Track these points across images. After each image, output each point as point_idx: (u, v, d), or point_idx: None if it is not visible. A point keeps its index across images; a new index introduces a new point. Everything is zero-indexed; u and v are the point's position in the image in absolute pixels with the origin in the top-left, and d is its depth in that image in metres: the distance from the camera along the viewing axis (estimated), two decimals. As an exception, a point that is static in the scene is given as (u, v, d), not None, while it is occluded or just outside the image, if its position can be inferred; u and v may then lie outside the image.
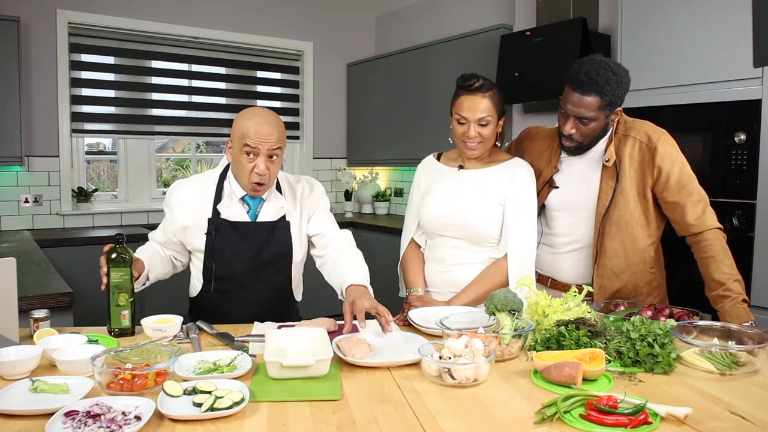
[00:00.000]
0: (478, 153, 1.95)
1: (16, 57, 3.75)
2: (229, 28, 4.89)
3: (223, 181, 1.90)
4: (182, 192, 1.92)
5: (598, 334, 1.47)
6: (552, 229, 2.06)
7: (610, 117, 1.89)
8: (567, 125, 1.89)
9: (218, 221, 1.86)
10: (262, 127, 1.76)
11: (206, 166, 5.53)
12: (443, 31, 4.73)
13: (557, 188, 2.02)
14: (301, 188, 2.00)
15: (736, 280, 1.80)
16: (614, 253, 1.94)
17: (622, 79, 1.85)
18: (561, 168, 2.03)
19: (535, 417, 1.14)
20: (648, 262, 1.97)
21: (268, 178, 1.79)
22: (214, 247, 1.86)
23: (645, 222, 1.94)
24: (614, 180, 1.91)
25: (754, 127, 2.47)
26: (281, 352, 1.43)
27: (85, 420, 1.06)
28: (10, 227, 4.16)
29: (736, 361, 1.40)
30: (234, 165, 1.83)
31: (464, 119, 1.90)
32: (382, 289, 1.80)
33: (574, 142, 1.92)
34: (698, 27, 2.65)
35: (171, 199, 1.93)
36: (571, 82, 1.86)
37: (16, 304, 1.54)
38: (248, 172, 1.78)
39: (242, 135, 1.76)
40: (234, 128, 1.81)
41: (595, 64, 1.84)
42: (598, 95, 1.82)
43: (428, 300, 1.97)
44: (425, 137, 4.57)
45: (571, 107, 1.86)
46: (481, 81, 1.90)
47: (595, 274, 1.97)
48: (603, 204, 1.92)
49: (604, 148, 1.95)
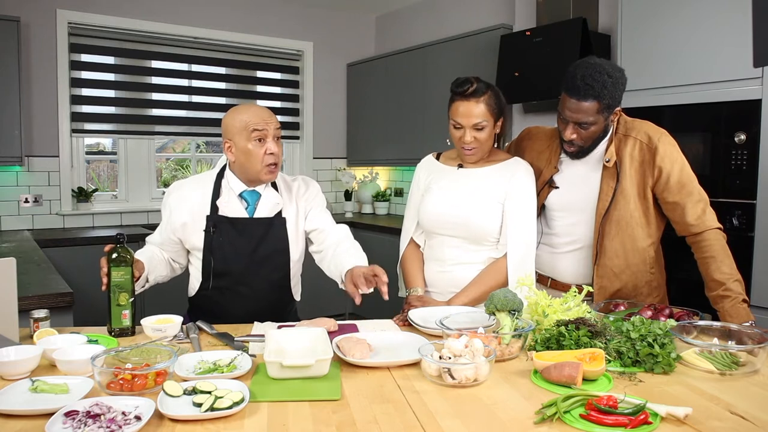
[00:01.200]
0: (476, 158, 1.96)
1: (16, 57, 3.75)
2: (229, 28, 4.89)
3: (221, 180, 1.93)
4: (181, 191, 1.95)
5: (598, 334, 1.47)
6: (552, 229, 2.06)
7: (609, 118, 1.89)
8: (567, 131, 1.89)
9: (217, 218, 1.89)
10: (262, 111, 1.86)
11: (206, 166, 5.54)
12: (443, 31, 4.73)
13: (557, 188, 2.02)
14: (297, 186, 2.03)
15: (736, 280, 1.80)
16: (614, 253, 1.94)
17: (618, 80, 1.84)
18: (561, 168, 2.02)
19: (535, 417, 1.14)
20: (648, 262, 1.97)
21: (278, 157, 1.86)
22: (213, 244, 1.88)
23: (645, 222, 1.94)
24: (614, 180, 1.91)
25: (754, 127, 2.47)
26: (281, 352, 1.43)
27: (85, 420, 1.06)
28: (10, 227, 4.16)
29: (736, 361, 1.40)
30: (241, 157, 1.85)
31: (459, 124, 1.91)
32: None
33: (575, 147, 1.92)
34: (698, 27, 2.65)
35: (169, 199, 1.95)
36: (567, 89, 1.85)
37: (16, 304, 1.54)
38: (261, 156, 1.83)
39: (245, 125, 1.82)
40: (230, 124, 1.85)
41: (590, 68, 1.82)
42: (596, 100, 1.81)
43: (428, 300, 1.97)
44: (425, 137, 4.57)
45: (570, 113, 1.86)
46: (475, 85, 1.88)
47: (595, 274, 1.96)
48: (603, 204, 1.92)
49: (604, 149, 1.94)
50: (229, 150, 1.87)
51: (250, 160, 1.84)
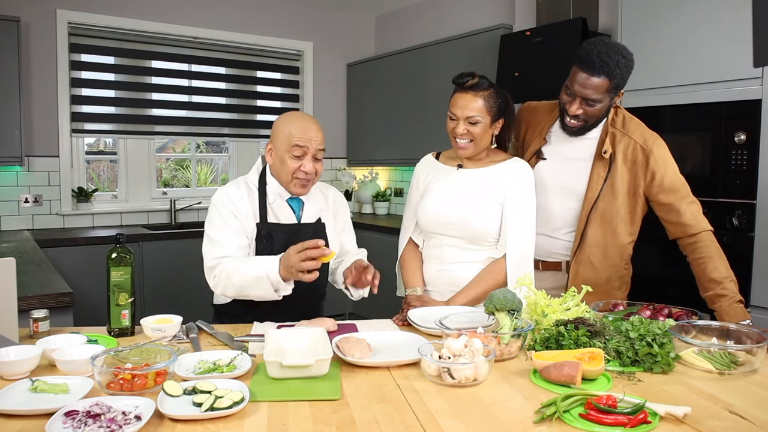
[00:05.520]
0: (469, 152, 1.95)
1: (16, 57, 3.75)
2: (229, 28, 4.89)
3: (264, 186, 1.91)
4: (232, 197, 1.87)
5: (597, 334, 1.47)
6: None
7: (613, 99, 1.92)
8: (573, 105, 1.91)
9: (269, 225, 1.87)
10: (309, 125, 1.84)
11: (206, 166, 5.54)
12: (443, 31, 4.73)
13: (545, 159, 2.05)
14: (333, 195, 2.07)
15: (732, 281, 1.83)
16: (594, 242, 1.98)
17: (629, 62, 1.89)
18: (549, 140, 2.07)
19: (534, 416, 1.14)
20: (624, 258, 2.02)
21: (314, 175, 1.86)
22: (265, 252, 1.83)
23: (629, 220, 1.98)
24: (606, 171, 1.94)
25: (754, 127, 2.47)
26: (281, 352, 1.43)
27: (85, 420, 1.06)
28: (10, 227, 4.16)
29: (734, 360, 1.40)
30: (277, 164, 1.85)
31: (455, 116, 1.92)
32: (382, 289, 1.80)
33: (580, 121, 1.94)
34: (698, 27, 2.65)
35: (225, 201, 1.86)
36: (581, 63, 1.86)
37: (16, 304, 1.54)
38: (293, 170, 1.82)
39: (288, 135, 1.81)
40: (277, 130, 1.85)
41: (606, 46, 1.85)
42: (608, 78, 1.84)
43: (427, 300, 1.97)
44: (425, 137, 4.56)
45: (579, 88, 1.87)
46: (477, 79, 1.90)
47: (573, 260, 2.00)
48: (593, 194, 1.96)
49: (598, 134, 1.99)
50: (269, 153, 1.88)
51: (283, 170, 1.84)
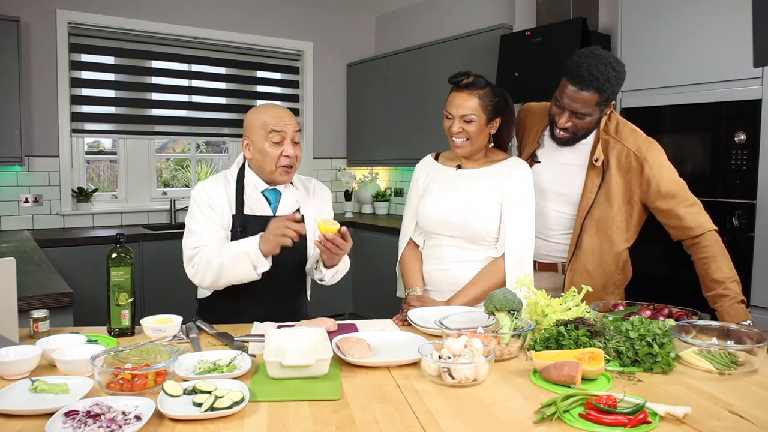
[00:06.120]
0: (465, 151, 1.96)
1: (16, 57, 3.75)
2: (229, 28, 4.89)
3: (242, 179, 1.92)
4: (209, 191, 1.89)
5: (597, 334, 1.47)
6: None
7: (603, 111, 1.91)
8: (563, 118, 1.91)
9: (244, 217, 1.88)
10: (282, 112, 1.87)
11: (206, 166, 5.54)
12: (443, 31, 4.73)
13: (539, 162, 2.05)
14: (313, 186, 2.07)
15: (735, 281, 1.82)
16: (590, 250, 1.97)
17: (620, 75, 1.87)
18: (542, 143, 2.06)
19: (534, 416, 1.14)
20: (619, 265, 2.01)
21: (295, 160, 1.87)
22: None
23: (625, 227, 1.97)
24: (599, 179, 1.94)
25: (754, 127, 2.47)
26: (281, 352, 1.43)
27: (85, 420, 1.06)
28: (10, 227, 4.16)
29: (734, 360, 1.40)
30: (257, 156, 1.86)
31: (450, 114, 1.93)
32: (382, 289, 1.81)
33: (569, 133, 1.94)
34: (698, 27, 2.65)
35: (203, 195, 1.88)
36: (570, 76, 1.85)
37: (16, 304, 1.54)
38: (276, 157, 1.84)
39: (264, 124, 1.83)
40: (251, 122, 1.86)
41: (596, 59, 1.84)
42: (597, 92, 1.83)
43: (427, 300, 1.97)
44: (425, 137, 4.56)
45: (568, 101, 1.87)
46: (472, 78, 1.91)
47: (568, 268, 1.99)
48: (587, 202, 1.95)
49: (591, 142, 1.98)
50: (247, 148, 1.89)
51: (265, 160, 1.85)
